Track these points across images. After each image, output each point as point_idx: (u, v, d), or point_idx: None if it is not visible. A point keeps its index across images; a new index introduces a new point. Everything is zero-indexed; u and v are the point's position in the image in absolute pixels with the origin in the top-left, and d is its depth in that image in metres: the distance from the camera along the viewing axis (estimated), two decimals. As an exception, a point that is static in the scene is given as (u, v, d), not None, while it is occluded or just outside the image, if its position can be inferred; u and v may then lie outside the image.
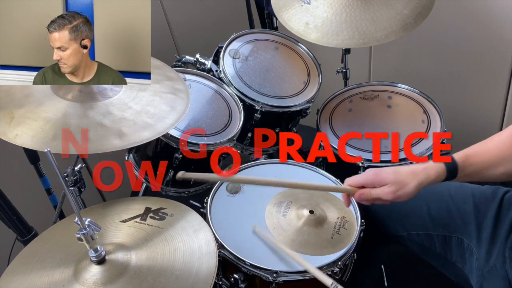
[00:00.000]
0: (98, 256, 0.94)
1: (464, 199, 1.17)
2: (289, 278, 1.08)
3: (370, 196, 1.03)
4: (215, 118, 1.44)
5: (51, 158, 0.83)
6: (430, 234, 1.19)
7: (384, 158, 1.40)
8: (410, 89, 1.59)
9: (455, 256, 1.17)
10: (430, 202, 1.20)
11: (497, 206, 1.12)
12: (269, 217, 1.19)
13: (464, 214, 1.16)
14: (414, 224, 1.21)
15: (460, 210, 1.16)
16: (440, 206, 1.19)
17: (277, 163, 1.36)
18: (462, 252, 1.15)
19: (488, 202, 1.14)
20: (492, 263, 1.08)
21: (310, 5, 1.52)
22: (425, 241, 1.21)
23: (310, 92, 1.59)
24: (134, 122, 1.09)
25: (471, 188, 1.19)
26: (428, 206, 1.20)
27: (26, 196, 1.50)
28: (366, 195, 1.04)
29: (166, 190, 1.46)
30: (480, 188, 1.19)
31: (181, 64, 1.59)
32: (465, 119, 2.00)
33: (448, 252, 1.18)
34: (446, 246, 1.18)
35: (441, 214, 1.18)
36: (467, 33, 1.83)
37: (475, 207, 1.15)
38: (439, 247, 1.19)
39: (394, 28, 1.43)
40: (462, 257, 1.15)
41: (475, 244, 1.12)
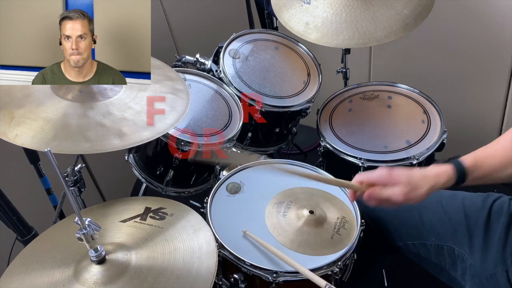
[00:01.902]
0: (98, 256, 0.94)
1: (455, 209, 1.19)
2: (289, 278, 1.08)
3: (381, 195, 1.01)
4: (215, 118, 1.44)
5: (51, 158, 0.83)
6: (425, 243, 1.20)
7: (384, 158, 1.40)
8: (410, 89, 1.59)
9: (448, 264, 1.18)
10: (423, 212, 1.21)
11: (487, 213, 1.14)
12: (269, 217, 1.19)
13: (455, 223, 1.17)
14: (410, 234, 1.23)
15: (451, 219, 1.18)
16: (433, 216, 1.20)
17: (277, 163, 1.35)
18: (454, 260, 1.16)
19: (478, 210, 1.15)
20: (492, 270, 1.08)
21: (310, 5, 1.52)
22: (421, 251, 1.22)
23: (310, 92, 1.59)
24: (134, 122, 1.09)
25: (463, 197, 1.20)
26: (421, 216, 1.21)
27: (26, 196, 1.50)
28: (376, 194, 1.01)
29: (166, 190, 1.46)
30: (472, 196, 1.20)
31: (181, 64, 1.59)
32: (465, 119, 2.00)
33: (442, 260, 1.19)
34: (439, 255, 1.19)
35: (433, 224, 1.19)
36: (467, 33, 1.83)
37: (466, 215, 1.16)
38: (434, 256, 1.20)
39: (394, 28, 1.43)
40: (454, 265, 1.16)
41: (468, 251, 1.13)
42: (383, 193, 1.01)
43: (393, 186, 1.00)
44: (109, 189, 2.03)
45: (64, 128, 1.03)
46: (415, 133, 1.46)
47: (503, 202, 1.15)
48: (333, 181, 1.20)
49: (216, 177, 1.48)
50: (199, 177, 1.51)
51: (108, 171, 1.98)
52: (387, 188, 1.01)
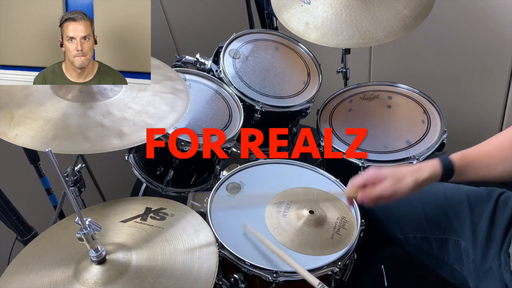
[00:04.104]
0: (99, 256, 0.94)
1: (459, 201, 1.18)
2: (289, 278, 1.08)
3: (372, 195, 1.04)
4: (215, 118, 1.44)
5: (52, 158, 0.83)
6: (427, 236, 1.20)
7: (384, 158, 1.40)
8: (410, 89, 1.59)
9: (452, 259, 1.17)
10: (426, 204, 1.21)
11: (492, 207, 1.13)
12: (269, 217, 1.19)
13: (460, 216, 1.16)
14: (411, 227, 1.22)
15: (455, 212, 1.17)
16: (436, 208, 1.20)
17: (278, 163, 1.35)
18: (459, 254, 1.15)
19: (483, 204, 1.15)
20: (489, 265, 1.08)
21: (310, 5, 1.52)
22: (423, 244, 1.21)
23: (310, 92, 1.59)
24: (134, 122, 1.09)
25: (466, 190, 1.20)
26: (424, 208, 1.21)
27: (26, 196, 1.50)
28: (367, 194, 1.05)
29: (166, 190, 1.46)
30: (476, 190, 1.19)
31: (181, 64, 1.59)
32: (465, 119, 2.00)
33: (445, 254, 1.18)
34: (443, 249, 1.18)
35: (437, 217, 1.19)
36: (467, 33, 1.83)
37: (471, 209, 1.16)
38: (437, 250, 1.19)
39: (394, 28, 1.43)
40: (459, 259, 1.16)
41: (471, 246, 1.13)
42: (374, 192, 1.04)
43: (381, 182, 1.04)
44: (109, 189, 2.03)
45: (64, 128, 1.03)
46: (415, 133, 1.46)
47: (508, 197, 1.14)
48: (330, 195, 1.24)
49: (216, 177, 1.48)
50: (199, 177, 1.51)
51: (108, 171, 1.98)
52: (376, 186, 1.04)
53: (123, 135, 1.05)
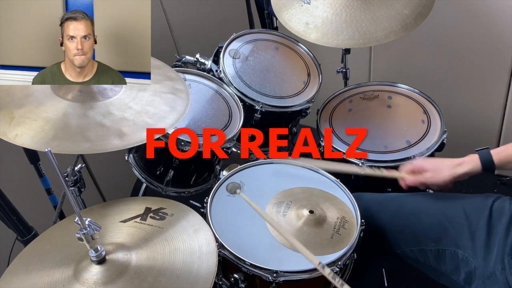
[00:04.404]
0: (99, 256, 0.94)
1: (455, 211, 1.19)
2: (289, 278, 1.08)
3: (417, 181, 1.23)
4: (215, 118, 1.44)
5: (51, 158, 0.83)
6: (424, 249, 1.20)
7: (384, 158, 1.40)
8: (410, 89, 1.59)
9: (449, 269, 1.18)
10: (423, 217, 1.22)
11: (488, 214, 1.15)
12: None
13: (457, 226, 1.17)
14: (408, 241, 1.23)
15: (452, 222, 1.18)
16: (432, 220, 1.21)
17: (278, 163, 1.35)
18: (457, 264, 1.16)
19: (479, 212, 1.16)
20: (491, 269, 1.09)
21: (310, 5, 1.52)
22: (419, 257, 1.22)
23: (310, 92, 1.59)
24: (134, 122, 1.09)
25: (461, 198, 1.21)
26: (421, 221, 1.22)
27: (26, 196, 1.50)
28: (413, 180, 1.23)
29: (166, 190, 1.46)
30: (470, 198, 1.21)
31: (181, 64, 1.59)
32: (465, 119, 2.00)
33: (442, 265, 1.19)
34: (439, 260, 1.19)
35: (433, 229, 1.20)
36: (467, 33, 1.83)
37: (467, 217, 1.17)
38: (433, 261, 1.20)
39: (394, 28, 1.43)
40: (456, 269, 1.16)
41: (471, 254, 1.13)
42: (419, 179, 1.22)
43: (425, 172, 1.22)
44: (109, 189, 2.03)
45: (64, 128, 1.03)
46: (415, 133, 1.46)
47: (503, 202, 1.16)
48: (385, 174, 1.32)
49: (216, 177, 1.48)
50: (199, 177, 1.52)
51: (108, 171, 1.98)
52: (420, 175, 1.22)
53: (123, 135, 1.05)
